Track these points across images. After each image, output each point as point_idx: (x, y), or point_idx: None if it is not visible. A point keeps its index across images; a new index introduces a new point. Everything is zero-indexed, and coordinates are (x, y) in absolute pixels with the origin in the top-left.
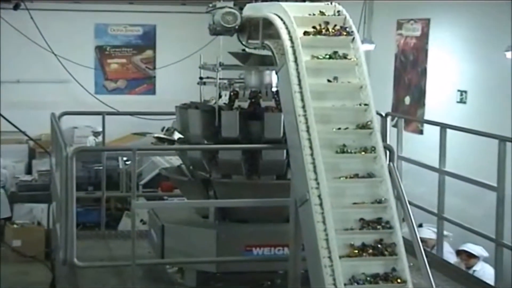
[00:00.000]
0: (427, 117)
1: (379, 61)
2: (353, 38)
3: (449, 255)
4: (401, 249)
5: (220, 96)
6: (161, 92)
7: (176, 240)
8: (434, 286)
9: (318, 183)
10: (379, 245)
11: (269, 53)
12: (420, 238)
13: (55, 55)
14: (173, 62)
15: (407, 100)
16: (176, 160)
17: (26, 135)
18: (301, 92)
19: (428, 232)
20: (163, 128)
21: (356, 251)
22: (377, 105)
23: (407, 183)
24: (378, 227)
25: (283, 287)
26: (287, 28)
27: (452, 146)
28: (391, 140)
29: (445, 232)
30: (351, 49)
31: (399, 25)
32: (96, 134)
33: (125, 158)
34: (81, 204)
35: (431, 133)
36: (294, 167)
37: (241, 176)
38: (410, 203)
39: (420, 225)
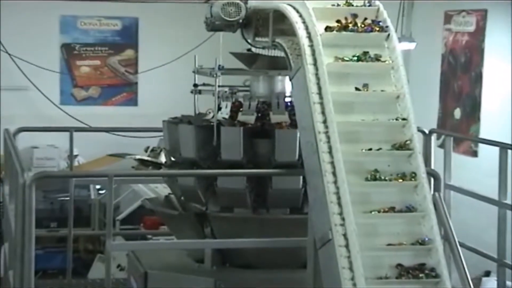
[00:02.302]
0: (482, 135)
1: (421, 63)
2: (388, 35)
3: None
4: None
5: (219, 108)
6: (145, 103)
7: None
8: None
9: (343, 219)
10: None
11: (282, 53)
12: None
13: (10, 55)
14: (160, 64)
15: (457, 113)
16: (163, 189)
17: None
18: (321, 103)
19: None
20: (147, 148)
21: None
22: (419, 119)
23: (457, 219)
24: (421, 275)
25: None
26: (304, 22)
27: None
28: (437, 164)
29: None
30: (386, 49)
31: (448, 18)
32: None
33: (98, 186)
34: (42, 245)
35: (488, 155)
36: (313, 198)
37: (246, 210)
38: (461, 244)
39: (487, 274)
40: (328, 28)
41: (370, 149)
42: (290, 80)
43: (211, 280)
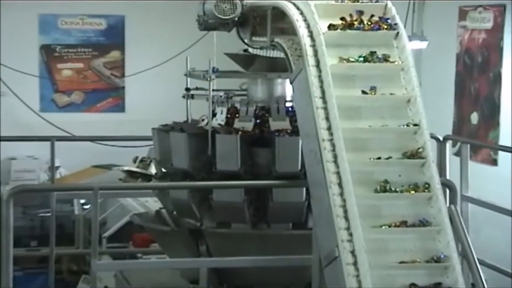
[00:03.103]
0: (502, 141)
1: (434, 64)
2: (397, 33)
3: None
4: None
5: (214, 114)
6: (133, 109)
7: None
8: None
9: (351, 234)
10: None
11: (281, 54)
12: None
13: None
14: (149, 67)
15: (474, 117)
16: (154, 203)
17: None
18: (325, 108)
19: None
20: (136, 158)
21: None
22: (432, 125)
23: (475, 234)
24: None
25: None
26: (305, 20)
27: None
28: (452, 174)
29: None
30: (395, 48)
31: (463, 14)
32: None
33: (82, 201)
34: (21, 265)
35: (509, 163)
36: (318, 212)
37: (244, 225)
38: (481, 262)
39: None
40: (331, 26)
41: (379, 158)
42: (291, 83)
43: None
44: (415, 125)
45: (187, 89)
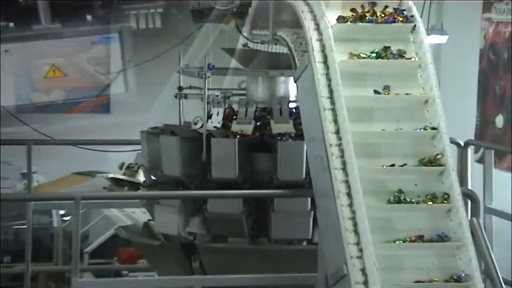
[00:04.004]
0: None
1: (455, 60)
2: (414, 26)
3: None
4: None
5: (209, 116)
6: (119, 110)
7: None
8: None
9: (361, 250)
10: None
11: (285, 49)
12: None
13: None
14: (137, 63)
15: (500, 120)
16: (141, 214)
17: None
18: (333, 110)
19: None
20: (122, 164)
21: None
22: (452, 129)
23: (500, 250)
24: None
25: None
26: (312, 11)
27: None
28: (475, 183)
29: None
30: (411, 43)
31: (487, 6)
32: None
33: (62, 212)
34: None
35: None
36: (324, 225)
37: (242, 239)
38: (506, 281)
39: None
40: (341, 19)
41: (393, 165)
42: (295, 81)
43: None
44: (433, 128)
45: (180, 88)
